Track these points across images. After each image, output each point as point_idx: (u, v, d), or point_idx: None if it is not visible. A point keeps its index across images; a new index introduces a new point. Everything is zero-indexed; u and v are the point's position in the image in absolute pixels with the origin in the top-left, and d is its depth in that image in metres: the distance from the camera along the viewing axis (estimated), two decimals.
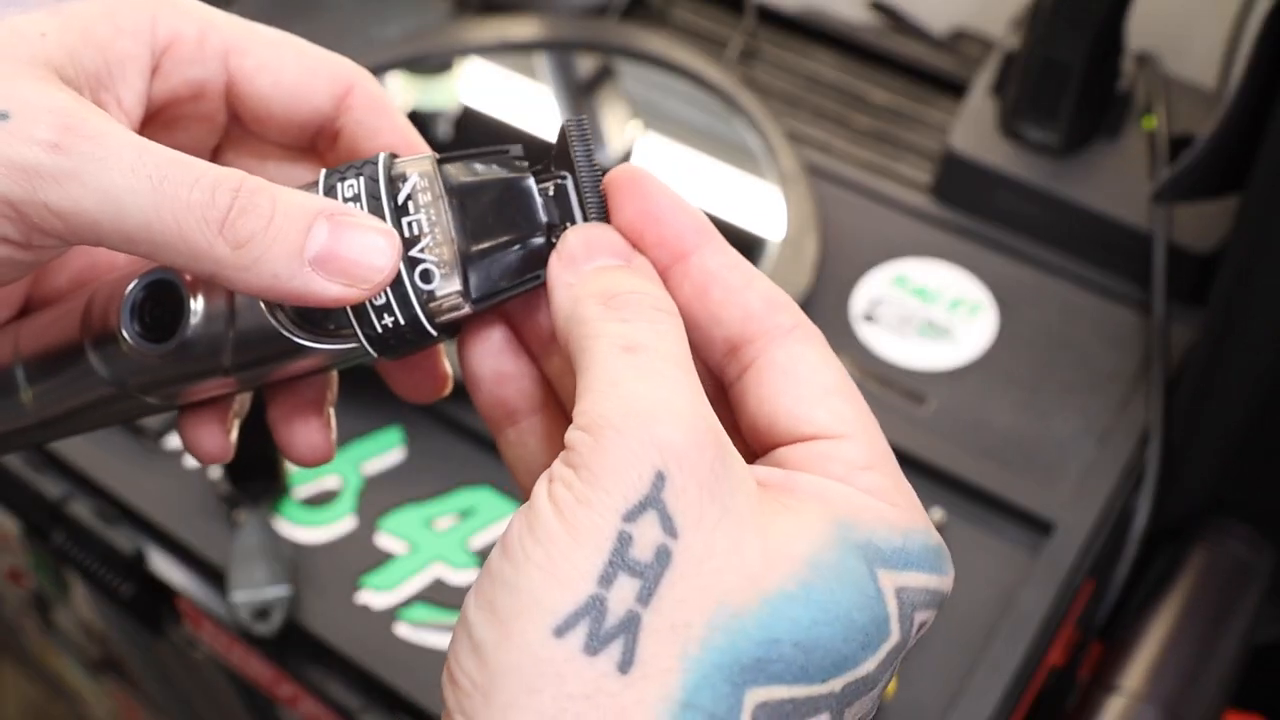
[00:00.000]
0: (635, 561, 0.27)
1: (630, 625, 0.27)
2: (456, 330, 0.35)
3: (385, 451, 0.83)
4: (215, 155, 0.37)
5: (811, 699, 0.28)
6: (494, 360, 0.35)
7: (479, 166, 0.34)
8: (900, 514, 0.30)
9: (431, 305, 0.33)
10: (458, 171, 0.33)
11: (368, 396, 0.82)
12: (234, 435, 0.37)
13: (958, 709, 0.70)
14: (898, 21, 1.10)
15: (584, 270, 0.32)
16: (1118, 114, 0.92)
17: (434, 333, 0.33)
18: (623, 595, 0.27)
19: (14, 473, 0.83)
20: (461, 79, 1.03)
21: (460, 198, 0.33)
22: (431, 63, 1.01)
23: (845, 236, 0.93)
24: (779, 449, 0.31)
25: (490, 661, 0.27)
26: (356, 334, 0.33)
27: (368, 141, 0.36)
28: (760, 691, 0.27)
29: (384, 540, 0.79)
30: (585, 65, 1.05)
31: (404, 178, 0.33)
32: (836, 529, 0.29)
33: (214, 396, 0.37)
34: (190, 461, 0.83)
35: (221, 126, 0.36)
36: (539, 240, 0.33)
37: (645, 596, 0.27)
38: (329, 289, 0.30)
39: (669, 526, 0.27)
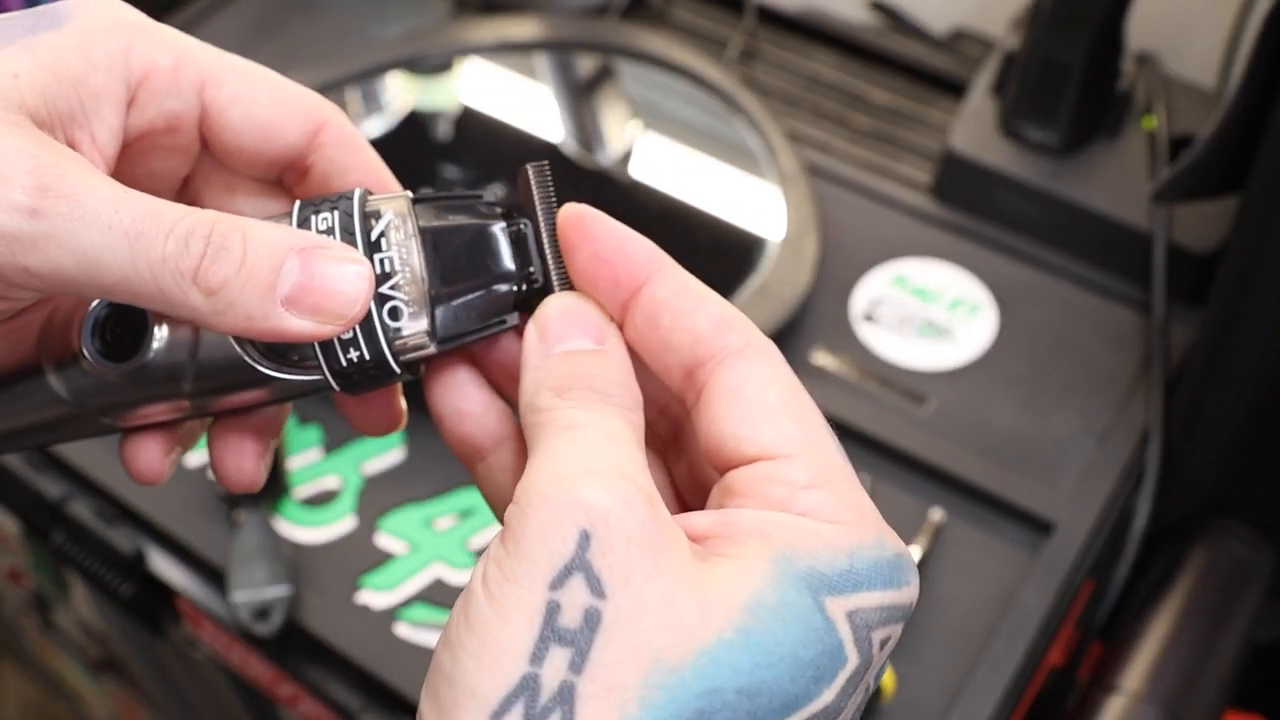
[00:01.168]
0: (564, 630, 0.27)
1: (565, 696, 0.27)
2: (418, 368, 0.35)
3: (385, 451, 0.83)
4: (186, 183, 0.37)
5: None
6: (457, 398, 0.35)
7: (451, 209, 0.34)
8: (845, 532, 0.29)
9: (397, 343, 0.33)
10: (430, 213, 0.34)
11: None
12: (173, 459, 0.37)
13: (957, 709, 0.70)
14: (897, 21, 1.10)
15: (553, 353, 0.32)
16: (1118, 114, 0.92)
17: (398, 370, 0.34)
18: (555, 667, 0.27)
19: (14, 473, 0.83)
20: (461, 79, 1.03)
21: (432, 239, 0.33)
22: (431, 63, 1.01)
23: (845, 236, 0.93)
24: (728, 473, 0.31)
25: None
26: (321, 367, 0.33)
27: (339, 178, 0.36)
28: None
29: (384, 540, 0.79)
30: (585, 65, 1.05)
31: (378, 215, 0.33)
32: (775, 565, 0.28)
33: (165, 421, 0.36)
34: (191, 462, 0.83)
35: (194, 156, 0.36)
36: (504, 287, 0.34)
37: (578, 664, 0.27)
38: (301, 327, 0.31)
39: (596, 587, 0.27)
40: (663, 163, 0.99)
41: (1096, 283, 0.90)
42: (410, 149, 0.99)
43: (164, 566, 0.80)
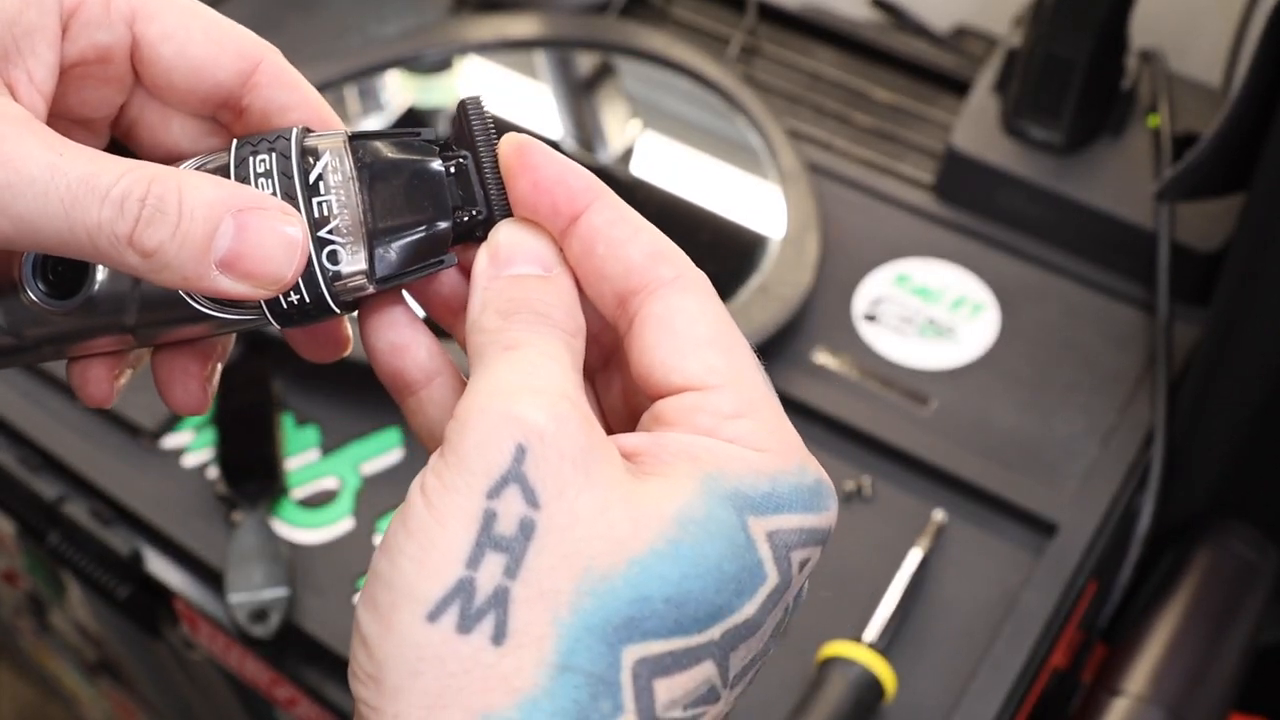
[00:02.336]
0: (500, 537, 0.28)
1: (500, 599, 0.28)
2: (357, 305, 0.36)
3: (384, 452, 0.82)
4: (122, 111, 0.37)
5: (690, 649, 0.29)
6: (391, 333, 0.36)
7: (390, 147, 0.34)
8: (769, 459, 0.31)
9: (336, 285, 0.33)
10: (368, 152, 0.34)
11: (367, 397, 0.82)
12: (122, 382, 0.37)
13: (960, 710, 0.70)
14: (900, 19, 1.09)
15: (502, 275, 0.33)
16: (1121, 112, 0.92)
17: (336, 310, 0.34)
18: (490, 571, 0.28)
19: (9, 473, 0.83)
20: (461, 77, 1.02)
21: (370, 178, 0.34)
22: (430, 61, 1.01)
23: (847, 235, 0.92)
24: (657, 401, 0.32)
25: (376, 653, 0.29)
26: (261, 306, 0.34)
27: (278, 117, 0.36)
28: (637, 648, 0.29)
29: None
30: (585, 63, 1.04)
31: (316, 154, 0.33)
32: (704, 483, 0.30)
33: (95, 352, 0.37)
34: (188, 462, 0.82)
35: (129, 87, 0.36)
36: (444, 225, 0.34)
37: (512, 569, 0.28)
38: (235, 289, 0.31)
39: (531, 498, 0.29)
40: (663, 161, 0.98)
41: (1099, 282, 0.89)
42: None
43: (161, 568, 0.80)
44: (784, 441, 0.31)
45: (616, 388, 0.36)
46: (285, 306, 0.33)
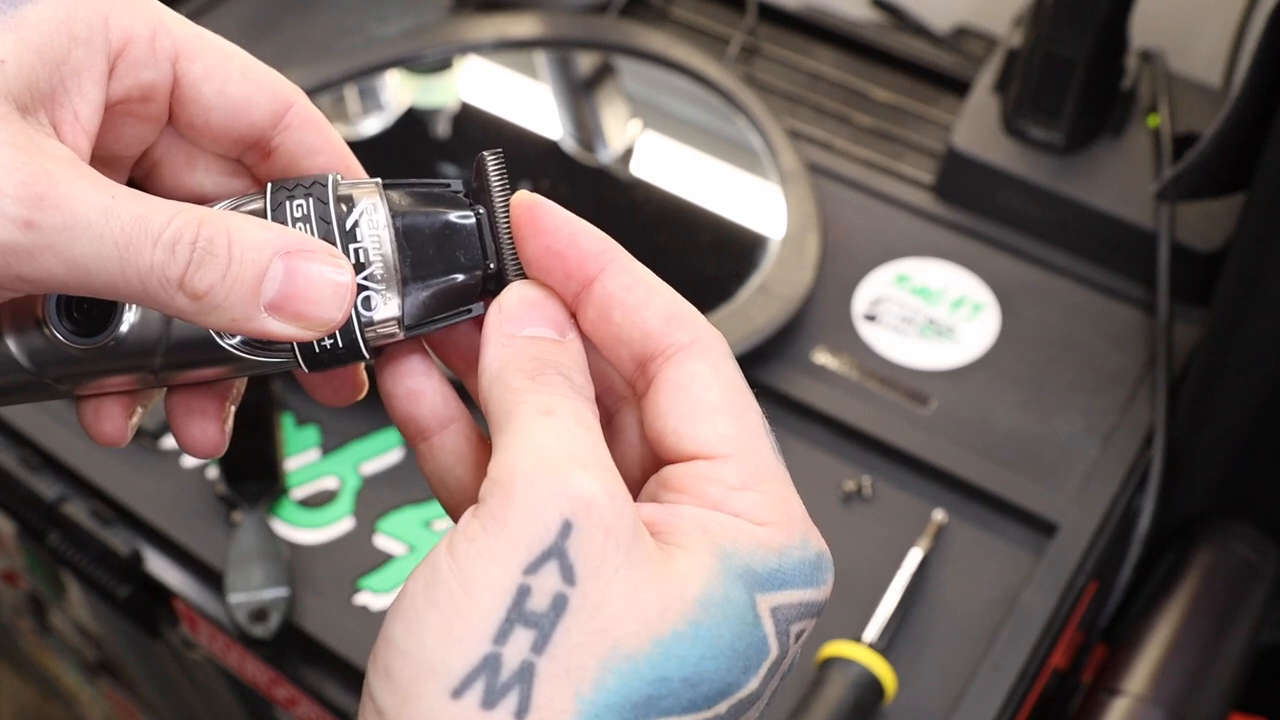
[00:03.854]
0: (531, 613, 0.28)
1: (525, 674, 0.28)
2: (381, 351, 0.36)
3: (384, 453, 0.82)
4: (146, 152, 0.37)
5: None
6: (409, 379, 0.36)
7: (421, 198, 0.35)
8: (774, 533, 0.31)
9: (369, 331, 0.34)
10: (399, 200, 0.35)
11: (367, 398, 0.82)
12: (134, 421, 0.37)
13: (960, 710, 0.70)
14: (900, 19, 1.09)
15: (518, 336, 0.33)
16: (1122, 112, 0.92)
17: (366, 355, 0.34)
18: (518, 647, 0.28)
19: (10, 473, 0.83)
20: (461, 77, 1.02)
21: (403, 227, 0.34)
22: (430, 61, 1.01)
23: (847, 235, 0.92)
24: (665, 468, 0.32)
25: None
26: (293, 350, 0.34)
27: (305, 160, 0.36)
28: None
29: (382, 541, 0.78)
30: (585, 63, 1.04)
31: (351, 202, 0.34)
32: (720, 560, 0.30)
33: (126, 390, 0.36)
34: (188, 462, 0.82)
35: (162, 127, 0.36)
36: (472, 276, 0.35)
37: (540, 645, 0.28)
38: (284, 331, 0.31)
39: (568, 575, 0.28)
40: (663, 161, 0.98)
41: (1100, 282, 0.89)
42: (409, 147, 0.98)
43: (161, 568, 0.79)
44: (788, 514, 0.32)
45: (622, 452, 0.36)
46: (317, 350, 0.34)
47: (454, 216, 0.34)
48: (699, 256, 0.92)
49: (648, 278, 0.33)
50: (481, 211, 0.35)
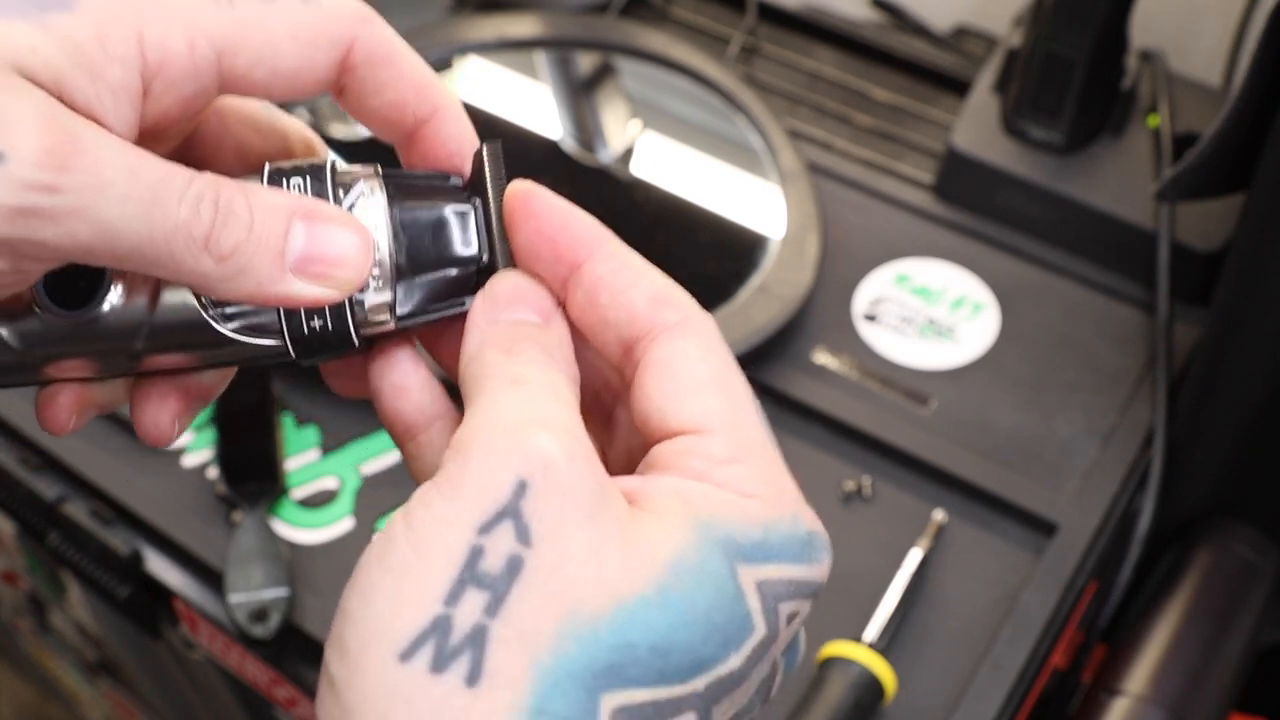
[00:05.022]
0: (484, 574, 0.27)
1: (477, 638, 0.27)
2: (372, 343, 0.35)
3: (384, 452, 0.82)
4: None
5: (673, 699, 0.28)
6: (396, 374, 0.35)
7: (420, 187, 0.34)
8: (762, 506, 0.30)
9: (359, 317, 0.33)
10: (399, 189, 0.34)
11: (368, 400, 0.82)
12: (86, 418, 0.36)
13: (960, 710, 0.70)
14: (900, 19, 1.09)
15: (501, 319, 0.33)
16: (1122, 112, 0.92)
17: (356, 343, 0.34)
18: (470, 609, 0.27)
19: (10, 473, 0.83)
20: (460, 77, 1.02)
21: (400, 215, 0.34)
22: (430, 61, 1.01)
23: (847, 235, 0.92)
24: (653, 447, 0.32)
25: (343, 698, 0.27)
26: (283, 332, 0.33)
27: (374, 97, 0.34)
28: (617, 695, 0.27)
29: None
30: (585, 63, 1.04)
31: (348, 187, 0.33)
32: (697, 529, 0.29)
33: (95, 376, 0.35)
34: (188, 462, 0.82)
35: (202, 116, 0.35)
36: (465, 269, 0.34)
37: (493, 607, 0.27)
38: (310, 293, 0.31)
39: (524, 535, 0.27)
40: (663, 161, 0.98)
41: (1100, 282, 0.89)
42: None
43: (161, 568, 0.79)
44: (778, 489, 0.31)
45: (615, 447, 0.36)
46: (306, 333, 0.33)
47: (451, 208, 0.34)
48: (699, 256, 0.92)
49: (636, 261, 0.33)
50: (478, 204, 0.34)
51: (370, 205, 0.33)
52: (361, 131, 0.98)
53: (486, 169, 0.34)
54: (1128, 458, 0.80)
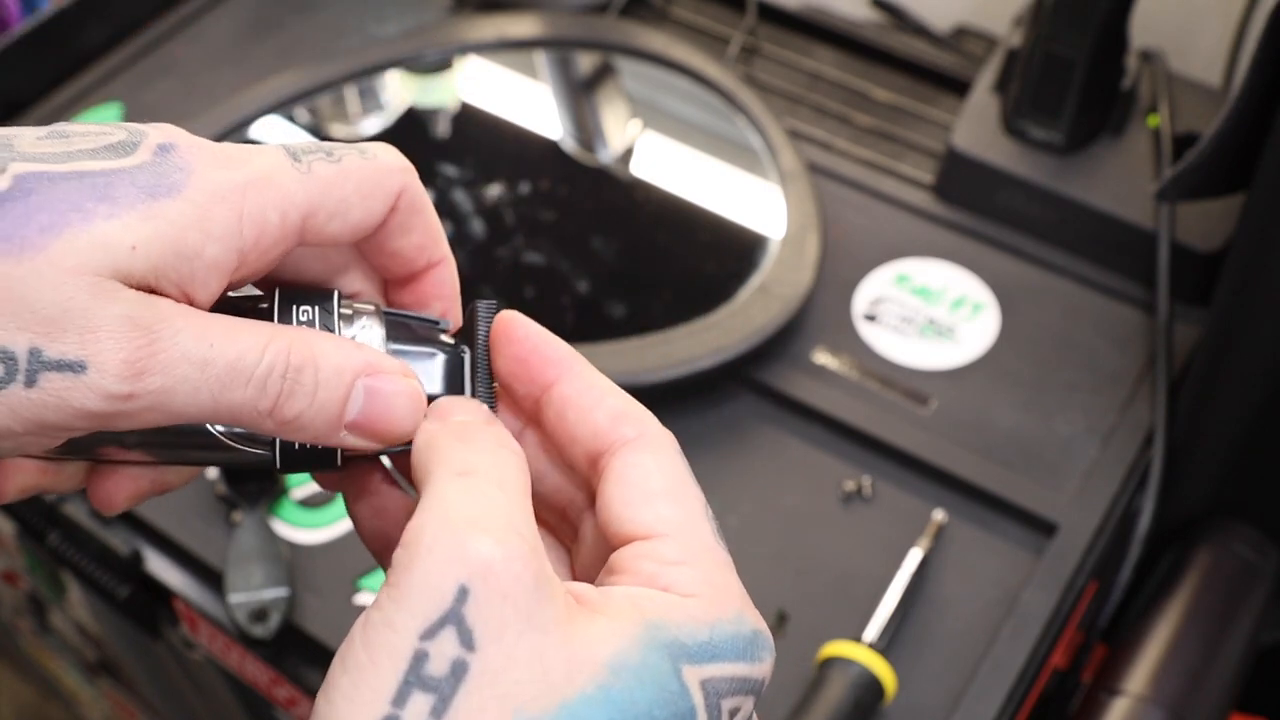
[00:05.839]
0: (430, 677, 0.28)
1: None
2: (349, 462, 0.37)
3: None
4: None
5: None
6: (374, 498, 0.38)
7: (413, 330, 0.37)
8: (706, 606, 0.32)
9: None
10: (398, 326, 0.36)
11: None
12: (41, 492, 0.37)
13: (960, 710, 0.70)
14: (900, 19, 1.09)
15: (448, 420, 0.35)
16: (1122, 112, 0.92)
17: (338, 463, 0.36)
18: (417, 711, 0.28)
19: None
20: (461, 77, 1.02)
21: (395, 351, 0.36)
22: (430, 61, 1.01)
23: (847, 235, 0.92)
24: (612, 553, 0.33)
25: None
26: (274, 445, 0.35)
27: (402, 239, 0.37)
28: None
29: None
30: (585, 63, 1.04)
31: (352, 320, 0.35)
32: (644, 630, 0.30)
33: (72, 457, 0.36)
34: None
35: None
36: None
37: (440, 709, 0.28)
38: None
39: (467, 640, 0.29)
40: (663, 161, 0.98)
41: (1100, 282, 0.89)
42: (409, 148, 0.98)
43: (161, 568, 0.79)
44: (724, 590, 0.32)
45: (581, 560, 0.37)
46: (295, 449, 0.35)
47: (442, 345, 0.36)
48: (699, 256, 0.92)
49: (601, 382, 0.36)
50: (467, 350, 0.36)
51: (371, 336, 0.35)
52: (363, 132, 0.98)
53: (479, 324, 0.36)
54: (1128, 458, 0.80)
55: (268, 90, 0.96)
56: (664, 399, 0.82)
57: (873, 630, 0.72)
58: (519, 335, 0.36)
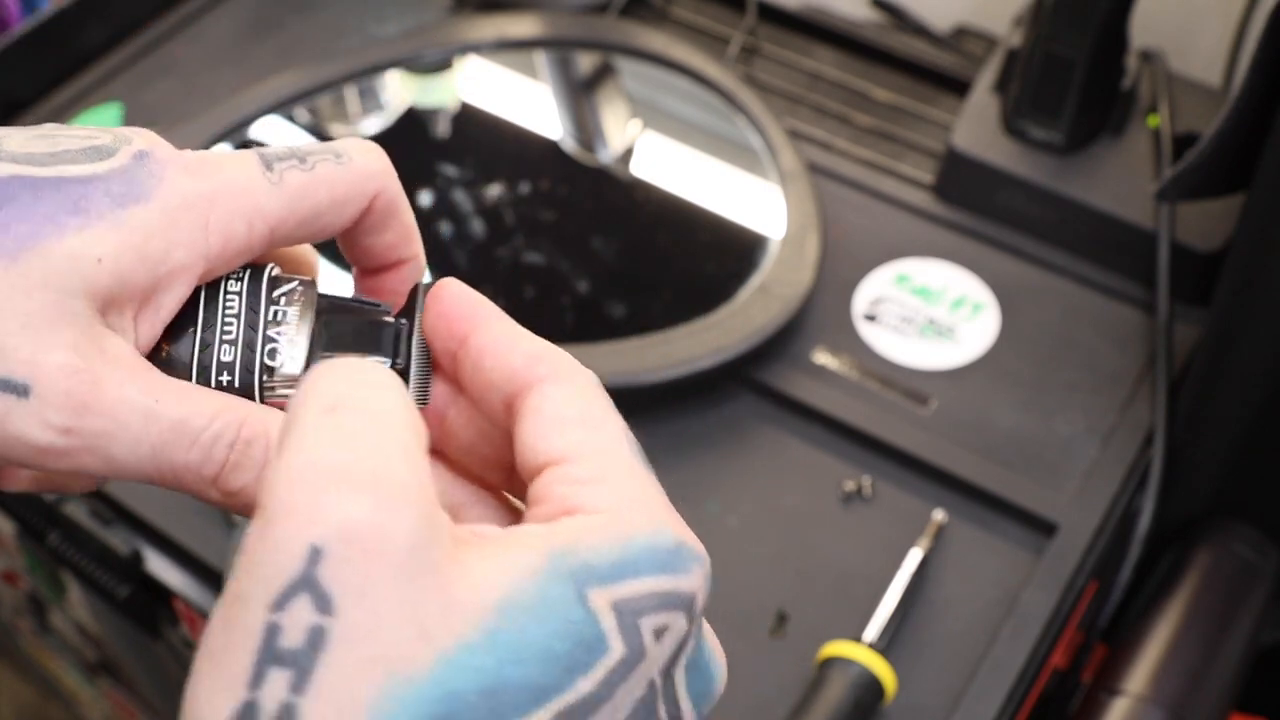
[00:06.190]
0: (284, 651, 0.26)
1: (287, 718, 0.25)
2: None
3: None
4: None
5: None
6: None
7: (349, 304, 0.36)
8: (622, 523, 0.29)
9: (266, 382, 0.35)
10: (330, 302, 0.36)
11: None
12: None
13: (960, 710, 0.70)
14: (900, 19, 1.09)
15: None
16: (1122, 112, 0.92)
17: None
18: (275, 690, 0.25)
19: None
20: (460, 77, 1.02)
21: (329, 309, 0.36)
22: (430, 61, 1.01)
23: (847, 235, 0.92)
24: (528, 488, 0.32)
25: None
26: None
27: (374, 236, 0.37)
28: None
29: None
30: (585, 63, 1.04)
31: (284, 280, 0.35)
32: (546, 561, 0.28)
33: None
34: None
35: None
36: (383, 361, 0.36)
37: (300, 684, 0.25)
38: None
39: (324, 604, 0.26)
40: (663, 161, 0.98)
41: (1100, 282, 0.89)
42: (409, 148, 0.98)
43: (161, 568, 0.79)
44: (641, 503, 0.30)
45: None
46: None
47: (377, 314, 0.36)
48: (699, 256, 0.92)
49: (516, 330, 0.34)
50: (404, 322, 0.36)
51: (301, 298, 0.35)
52: (363, 133, 0.98)
53: (417, 297, 0.36)
54: (1128, 458, 0.80)
55: (268, 90, 0.96)
56: (664, 399, 0.82)
57: (873, 630, 0.72)
58: (442, 294, 0.35)
